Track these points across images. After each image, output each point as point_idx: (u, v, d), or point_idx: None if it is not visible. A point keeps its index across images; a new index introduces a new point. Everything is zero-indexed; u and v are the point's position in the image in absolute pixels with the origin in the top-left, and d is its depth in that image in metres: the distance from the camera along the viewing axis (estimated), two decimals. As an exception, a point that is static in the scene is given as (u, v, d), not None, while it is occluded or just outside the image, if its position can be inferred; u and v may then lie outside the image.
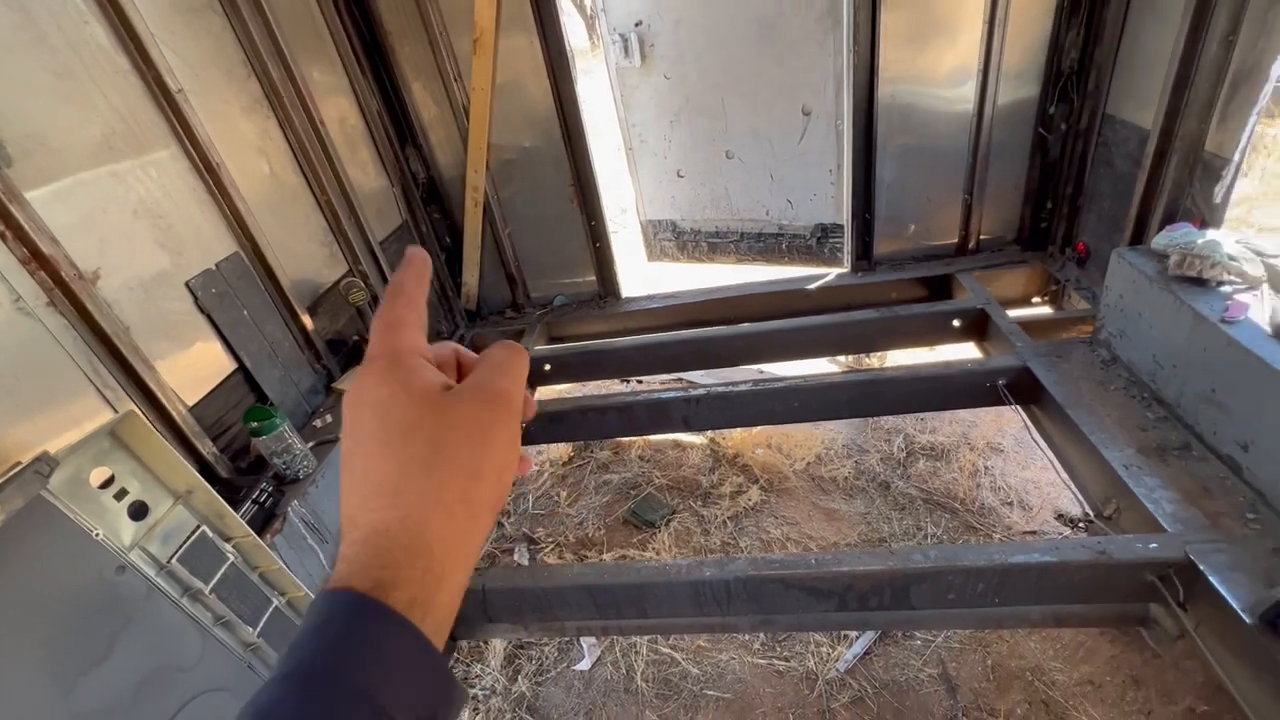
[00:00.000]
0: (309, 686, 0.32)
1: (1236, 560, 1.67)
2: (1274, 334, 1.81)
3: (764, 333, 3.25)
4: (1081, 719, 2.12)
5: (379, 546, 0.35)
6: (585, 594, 2.07)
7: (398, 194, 3.29)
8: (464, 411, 0.39)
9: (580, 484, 3.46)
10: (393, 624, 0.34)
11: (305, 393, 2.43)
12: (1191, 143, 2.27)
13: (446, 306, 3.70)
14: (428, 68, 3.17)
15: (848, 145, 3.16)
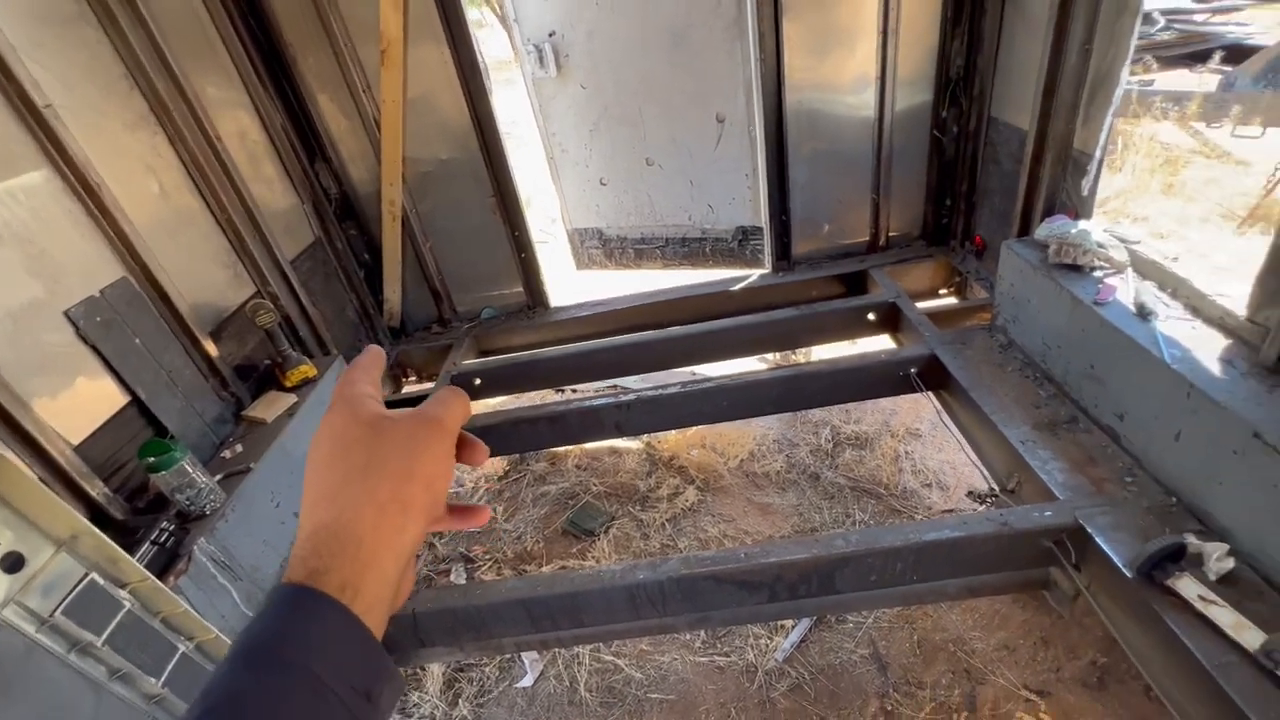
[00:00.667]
0: (251, 663, 0.36)
1: (1118, 521, 1.82)
2: (1137, 313, 2.00)
3: (691, 335, 3.31)
4: (1000, 681, 2.25)
5: (316, 542, 0.41)
6: (520, 608, 2.05)
7: (308, 210, 3.17)
8: (400, 428, 0.45)
9: (517, 497, 3.41)
10: (324, 604, 0.38)
11: (211, 423, 2.29)
12: (1062, 142, 2.47)
13: (368, 325, 3.58)
14: (334, 80, 3.07)
15: (761, 151, 3.27)
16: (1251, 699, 1.38)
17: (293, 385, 2.54)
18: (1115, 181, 5.44)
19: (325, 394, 2.60)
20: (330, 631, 0.38)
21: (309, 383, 2.57)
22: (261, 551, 2.12)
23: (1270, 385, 1.64)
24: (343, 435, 0.44)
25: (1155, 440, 1.90)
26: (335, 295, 3.32)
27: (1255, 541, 1.60)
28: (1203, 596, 1.55)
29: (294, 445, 2.36)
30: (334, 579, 0.39)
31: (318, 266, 3.19)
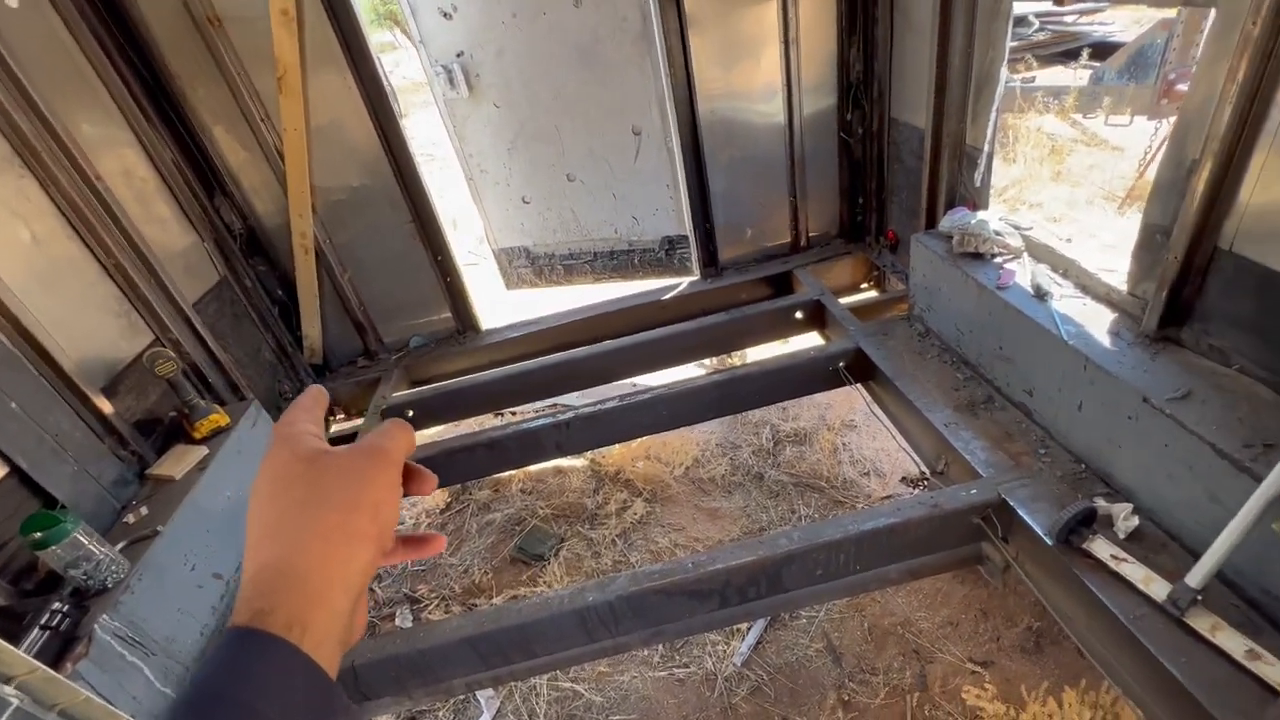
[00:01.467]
0: (197, 708, 0.34)
1: (1036, 492, 1.92)
2: (1035, 294, 2.13)
3: (626, 348, 3.31)
4: (946, 657, 2.33)
5: (260, 583, 0.39)
6: (467, 647, 1.97)
7: (210, 249, 2.98)
8: (342, 461, 0.44)
9: (461, 529, 3.29)
10: (270, 644, 0.37)
11: (110, 486, 2.10)
12: (955, 139, 2.62)
13: (288, 364, 3.39)
14: (229, 111, 2.91)
15: (679, 161, 3.32)
16: (1163, 646, 1.47)
17: (203, 436, 2.37)
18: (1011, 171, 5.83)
19: (242, 442, 2.44)
20: (277, 671, 0.36)
21: (221, 432, 2.40)
22: (177, 620, 1.95)
23: (1153, 353, 1.77)
24: (283, 473, 0.44)
25: (1061, 412, 2.02)
26: (248, 336, 3.13)
27: (1154, 498, 1.73)
28: (1115, 555, 1.65)
29: (208, 500, 2.20)
30: (280, 617, 0.37)
31: (225, 307, 3.01)
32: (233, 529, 2.29)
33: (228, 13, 2.73)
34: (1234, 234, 1.55)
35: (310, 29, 2.79)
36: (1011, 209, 5.47)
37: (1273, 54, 1.35)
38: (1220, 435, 1.49)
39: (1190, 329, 1.74)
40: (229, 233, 3.11)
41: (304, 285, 3.31)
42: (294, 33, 2.74)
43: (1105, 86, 5.22)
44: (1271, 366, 1.55)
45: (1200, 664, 1.42)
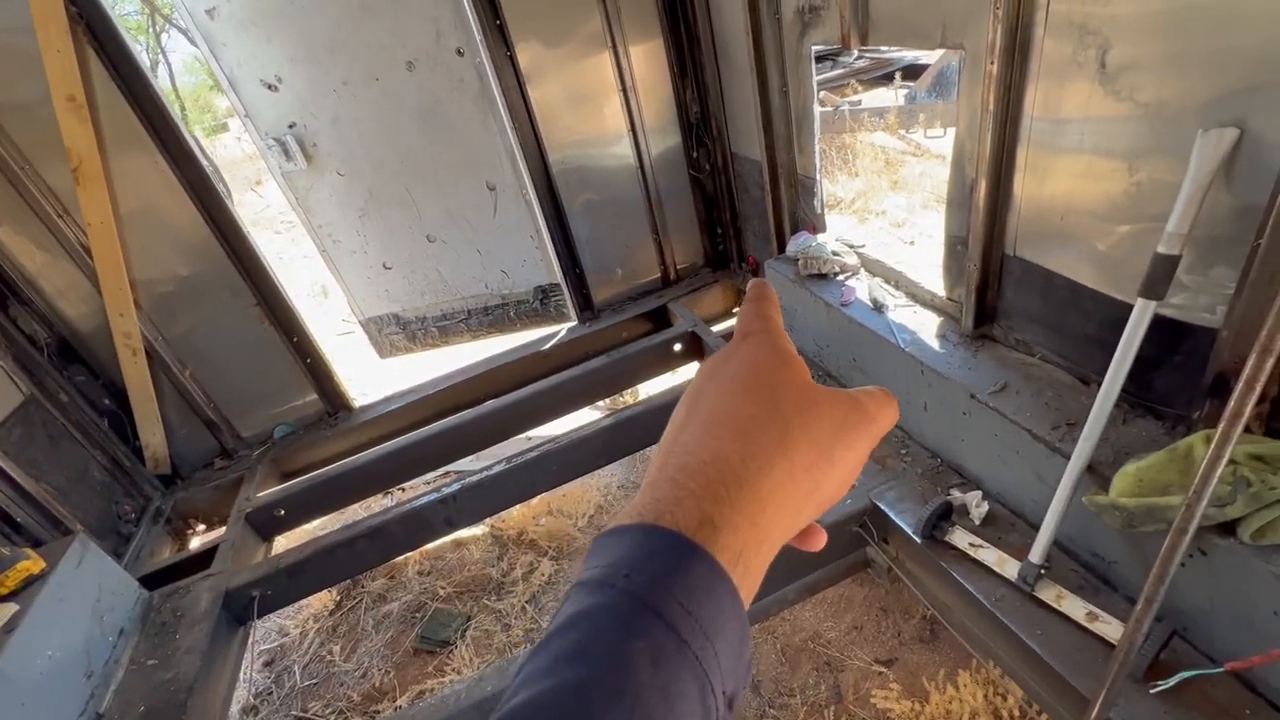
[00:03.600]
0: (637, 617, 0.28)
1: (902, 492, 2.04)
2: (873, 307, 2.29)
3: (512, 404, 3.23)
4: (855, 663, 2.40)
5: (710, 478, 0.32)
6: (359, 772, 1.78)
7: (9, 366, 2.59)
8: (835, 400, 0.38)
9: (356, 628, 3.02)
10: (721, 582, 0.30)
11: (-120, 678, 1.73)
12: (788, 169, 2.82)
13: (127, 480, 3.00)
14: (14, 210, 2.57)
15: (538, 211, 3.33)
16: (1020, 621, 1.59)
17: (10, 590, 2.02)
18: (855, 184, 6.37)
19: (65, 587, 2.11)
20: (726, 621, 0.29)
21: (35, 580, 2.06)
22: (-14, 826, 1.62)
23: (974, 350, 1.95)
24: (767, 374, 0.37)
25: (912, 413, 2.17)
26: (69, 457, 2.74)
27: (997, 483, 1.88)
28: (972, 544, 1.78)
29: (20, 668, 1.86)
30: (731, 544, 0.31)
31: (35, 430, 2.62)
32: (60, 694, 1.96)
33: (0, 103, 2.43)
34: (1015, 240, 1.75)
35: (105, 111, 2.55)
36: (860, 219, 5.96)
37: (1011, 87, 1.56)
38: (1033, 420, 1.65)
39: (999, 325, 1.94)
40: (33, 344, 2.73)
41: (136, 390, 2.96)
42: (86, 119, 2.49)
43: (919, 104, 5.85)
44: (1063, 353, 1.75)
45: (1051, 633, 1.55)
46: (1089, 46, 1.39)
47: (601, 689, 0.26)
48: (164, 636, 2.30)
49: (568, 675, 0.26)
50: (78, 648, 2.08)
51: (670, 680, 0.27)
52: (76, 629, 2.11)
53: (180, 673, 2.14)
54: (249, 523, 2.86)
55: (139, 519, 2.97)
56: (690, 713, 0.27)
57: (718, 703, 0.29)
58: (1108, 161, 1.45)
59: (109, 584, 2.31)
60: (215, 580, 2.48)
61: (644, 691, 0.26)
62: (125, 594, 2.37)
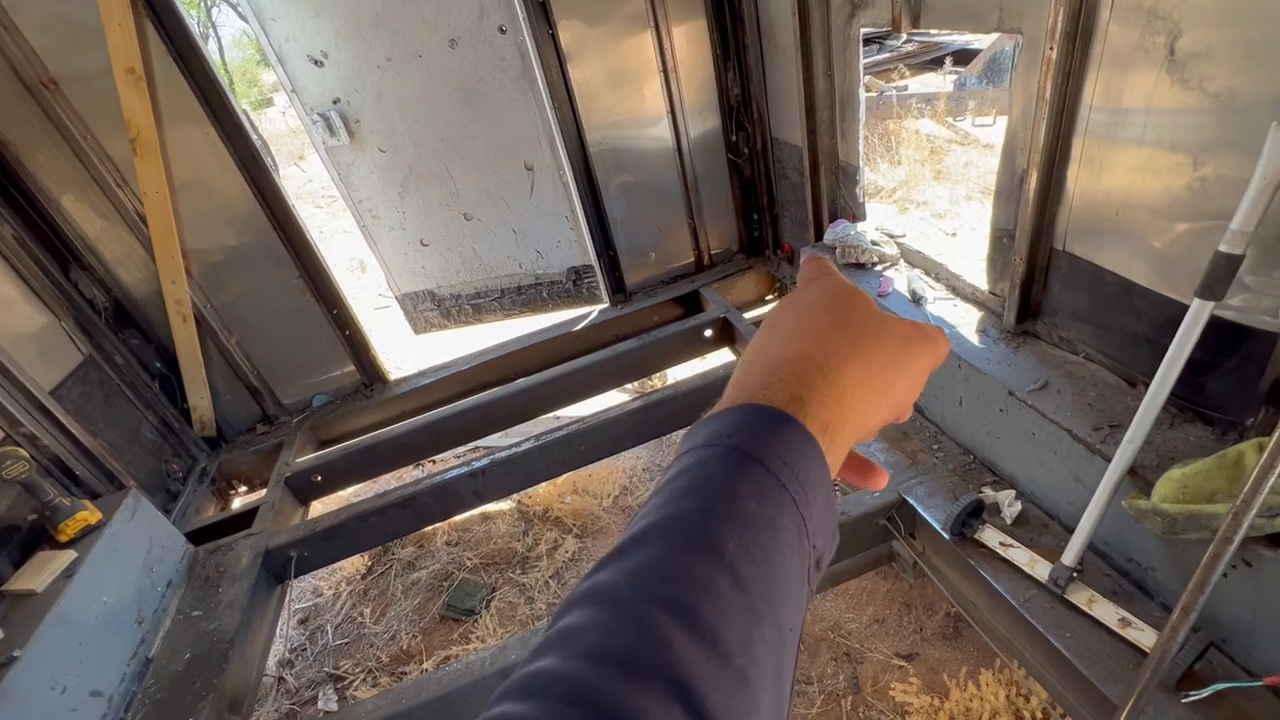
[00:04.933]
0: (739, 465, 0.30)
1: (932, 488, 2.02)
2: (912, 299, 2.25)
3: (542, 383, 3.26)
4: (875, 655, 2.40)
5: (797, 369, 0.35)
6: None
7: (70, 327, 2.73)
8: (900, 322, 0.41)
9: (385, 593, 3.13)
10: (812, 444, 0.33)
11: (-45, 613, 1.86)
12: (830, 155, 2.76)
13: (175, 440, 3.14)
14: (77, 178, 2.69)
15: (574, 193, 3.33)
16: (1049, 623, 1.57)
17: (70, 538, 2.14)
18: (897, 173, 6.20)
19: (119, 538, 2.23)
20: (817, 479, 0.32)
21: (92, 530, 2.18)
22: (47, 754, 1.74)
23: (1015, 346, 1.90)
24: (838, 295, 0.41)
25: (947, 409, 2.13)
26: (123, 417, 2.88)
27: (1031, 483, 1.85)
28: (1003, 543, 1.75)
29: (79, 610, 1.98)
30: (819, 415, 0.34)
31: (93, 389, 2.75)
32: (113, 637, 2.08)
33: (64, 74, 2.53)
34: (1065, 234, 1.69)
35: (162, 84, 2.63)
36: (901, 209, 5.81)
37: (1070, 74, 1.49)
38: (1074, 420, 1.61)
39: (1043, 322, 1.88)
40: (92, 308, 2.86)
41: (185, 355, 3.09)
42: (144, 91, 2.57)
43: (969, 91, 5.65)
44: (1109, 352, 1.70)
45: (1081, 636, 1.52)
46: (1157, 32, 1.33)
47: (717, 514, 0.29)
48: (208, 590, 2.42)
49: (684, 504, 0.30)
50: (130, 595, 2.20)
51: (775, 514, 0.30)
52: (129, 578, 2.23)
53: (222, 624, 2.25)
54: (288, 486, 2.97)
55: (186, 478, 3.11)
56: (789, 545, 0.31)
57: (811, 550, 0.32)
58: (1170, 155, 1.38)
59: (159, 537, 2.43)
60: (255, 540, 2.59)
61: (753, 519, 0.29)
62: (173, 548, 2.49)
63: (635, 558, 0.28)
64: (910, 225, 3.64)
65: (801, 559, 0.31)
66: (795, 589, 0.31)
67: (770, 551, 0.30)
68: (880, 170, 6.24)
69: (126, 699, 2.03)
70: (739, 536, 0.29)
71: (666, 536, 0.29)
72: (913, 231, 2.73)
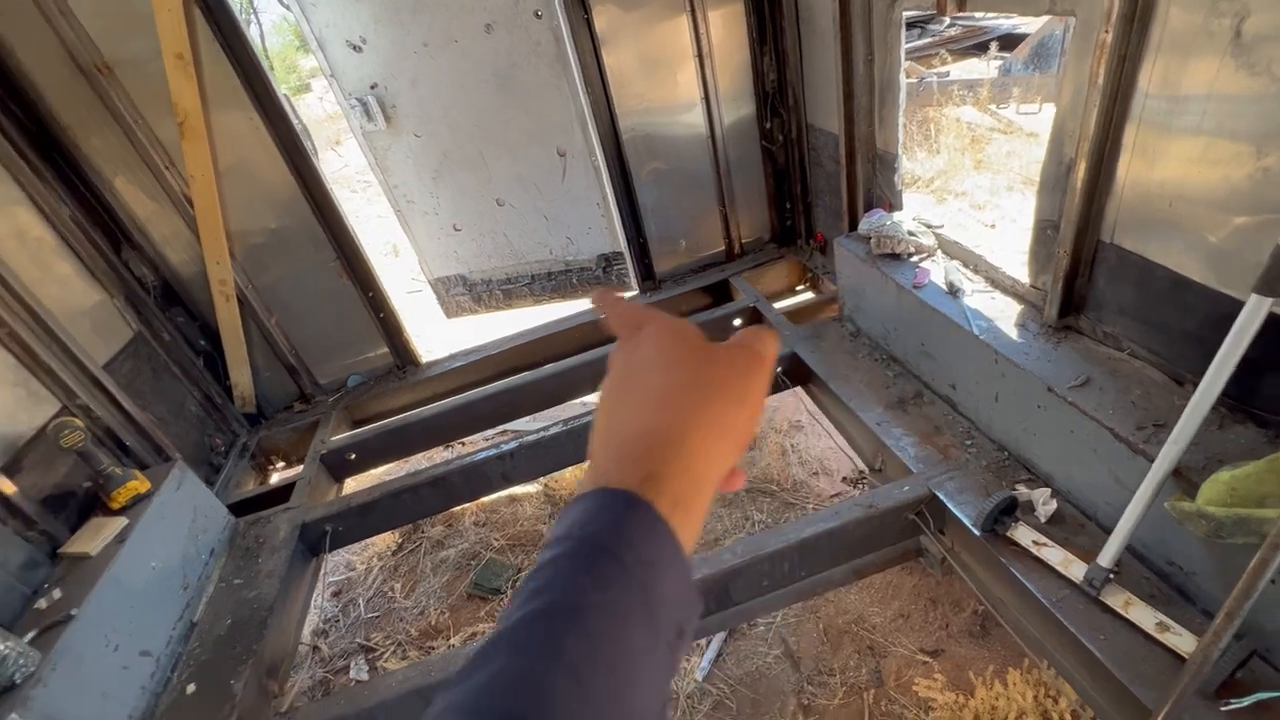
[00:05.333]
0: (585, 557, 0.32)
1: (963, 484, 1.99)
2: (949, 291, 2.20)
3: (570, 369, 3.29)
4: (900, 650, 2.38)
5: (648, 446, 0.37)
6: (417, 699, 1.91)
7: (121, 305, 2.84)
8: (729, 355, 0.43)
9: (415, 570, 3.21)
10: (659, 524, 0.34)
11: (17, 571, 1.97)
12: (867, 143, 2.70)
13: (218, 416, 3.26)
14: (128, 160, 2.78)
15: (606, 179, 3.33)
16: (1082, 625, 1.53)
17: (121, 506, 2.25)
18: (935, 163, 6.04)
19: (165, 507, 2.33)
20: (666, 556, 0.34)
21: (142, 499, 2.29)
22: (101, 706, 1.85)
23: (1055, 342, 1.85)
24: (672, 350, 0.42)
25: (981, 404, 2.09)
26: (170, 392, 3.00)
27: (1068, 482, 1.80)
28: (1036, 541, 1.72)
29: (129, 574, 2.09)
30: (668, 492, 0.35)
31: (142, 365, 2.87)
32: (161, 600, 2.19)
33: (117, 59, 2.61)
34: (1113, 227, 1.64)
35: (208, 69, 2.70)
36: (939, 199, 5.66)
37: (1126, 59, 1.43)
38: (1116, 419, 1.56)
39: (1087, 317, 1.82)
40: (141, 286, 2.97)
41: (228, 333, 3.19)
42: (191, 76, 2.64)
43: (1014, 77, 5.46)
44: (1156, 349, 1.64)
45: (1116, 639, 1.49)
46: (1223, 14, 1.26)
47: (559, 613, 0.30)
48: (248, 560, 2.51)
49: (530, 607, 0.31)
50: (176, 562, 2.31)
51: (620, 598, 0.31)
52: (175, 545, 2.33)
53: (261, 593, 2.34)
54: (323, 463, 3.06)
55: (228, 452, 3.22)
56: (638, 626, 0.32)
57: (667, 623, 0.33)
58: (1231, 144, 1.32)
59: (203, 508, 2.53)
60: (293, 514, 2.68)
61: (596, 609, 0.31)
62: (216, 518, 2.60)
63: (481, 674, 0.29)
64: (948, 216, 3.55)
65: (654, 637, 0.32)
66: (649, 667, 0.32)
67: (617, 639, 0.31)
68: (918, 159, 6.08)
69: (173, 660, 2.13)
70: (580, 632, 0.30)
71: (509, 647, 0.30)
72: (950, 222, 2.66)
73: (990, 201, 5.47)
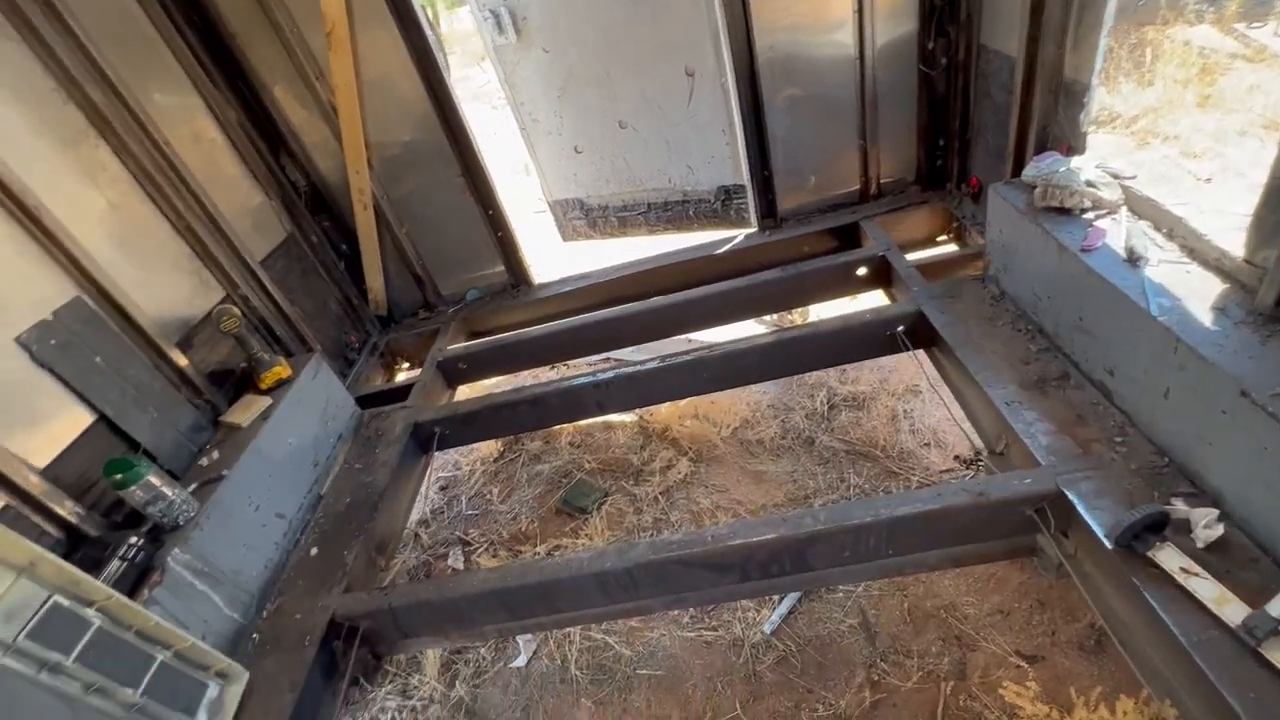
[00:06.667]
0: None
1: (1103, 486, 1.71)
2: (1128, 258, 1.82)
3: (678, 304, 3.22)
4: (991, 647, 2.19)
5: None
6: (494, 599, 2.06)
7: (277, 206, 3.14)
8: None
9: (512, 478, 3.43)
10: None
11: (187, 431, 2.33)
12: (1051, 69, 2.24)
13: (354, 316, 3.58)
14: (285, 69, 2.98)
15: (735, 102, 3.08)
16: (1228, 676, 1.29)
17: (267, 387, 2.56)
18: (1144, 97, 4.99)
19: (302, 393, 2.62)
20: None
21: (283, 383, 2.58)
22: (243, 555, 2.17)
23: (1265, 335, 1.48)
24: None
25: (1145, 397, 1.76)
26: (315, 290, 3.32)
27: (1246, 506, 1.48)
28: (1184, 569, 1.45)
29: (270, 447, 2.39)
30: None
31: (293, 263, 3.18)
32: (295, 473, 2.50)
33: (277, -31, 2.75)
34: (1390, 192, 1.23)
35: (355, -19, 2.77)
36: (1140, 142, 4.72)
37: None
38: (1334, 443, 1.23)
39: (1319, 308, 1.43)
40: (295, 190, 3.25)
41: (365, 240, 3.44)
42: (338, -15, 2.72)
43: (1279, -13, 4.26)
44: None
45: (1270, 702, 1.23)
46: None
47: None
48: (368, 448, 2.79)
49: None
50: (309, 442, 2.61)
51: None
52: (309, 427, 2.63)
53: (377, 479, 2.60)
54: (439, 369, 3.28)
55: (360, 349, 3.55)
56: None
57: None
58: None
59: (334, 397, 2.83)
60: (408, 412, 2.92)
61: None
62: (344, 408, 2.89)
63: None
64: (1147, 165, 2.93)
65: None
66: None
67: None
68: (1120, 92, 5.06)
69: (302, 525, 2.45)
70: None
71: None
72: (1148, 174, 2.18)
73: (1211, 149, 4.46)
